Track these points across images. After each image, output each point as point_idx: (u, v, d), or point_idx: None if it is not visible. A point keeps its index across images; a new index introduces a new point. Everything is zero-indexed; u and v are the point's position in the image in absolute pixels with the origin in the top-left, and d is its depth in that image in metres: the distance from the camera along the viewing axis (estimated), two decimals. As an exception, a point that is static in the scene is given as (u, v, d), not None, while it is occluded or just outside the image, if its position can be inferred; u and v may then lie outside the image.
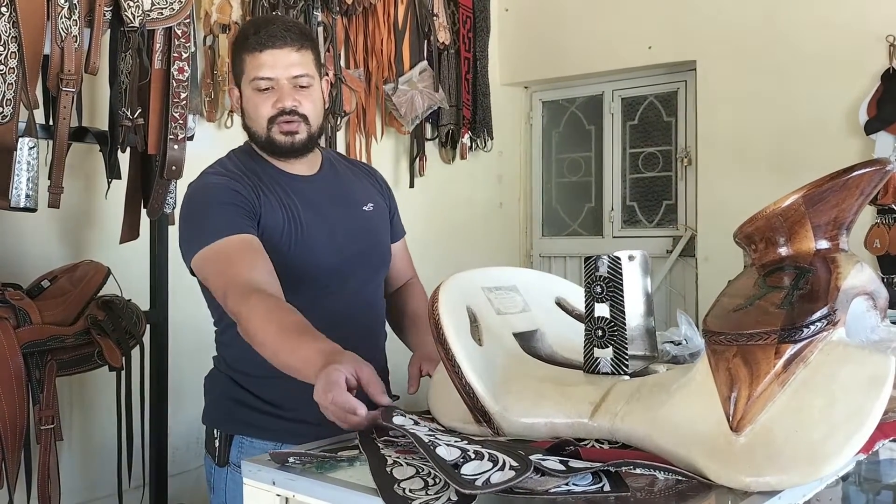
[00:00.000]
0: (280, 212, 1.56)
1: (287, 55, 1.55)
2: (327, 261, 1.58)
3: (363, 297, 1.66)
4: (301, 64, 1.56)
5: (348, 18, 3.45)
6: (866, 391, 0.83)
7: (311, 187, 1.65)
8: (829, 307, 0.88)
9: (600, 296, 1.12)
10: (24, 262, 2.43)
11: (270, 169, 1.63)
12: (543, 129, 4.67)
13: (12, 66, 1.89)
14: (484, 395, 1.08)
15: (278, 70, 1.54)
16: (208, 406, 1.68)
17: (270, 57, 1.54)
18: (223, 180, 1.56)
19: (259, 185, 1.58)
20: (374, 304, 1.71)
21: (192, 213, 1.55)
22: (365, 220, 1.68)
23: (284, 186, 1.62)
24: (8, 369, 1.93)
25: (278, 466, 1.00)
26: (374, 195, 1.75)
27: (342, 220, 1.64)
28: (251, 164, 1.64)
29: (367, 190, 1.75)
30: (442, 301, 1.15)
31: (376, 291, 1.71)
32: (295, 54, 1.55)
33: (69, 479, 2.38)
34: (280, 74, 1.55)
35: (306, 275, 1.56)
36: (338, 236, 1.62)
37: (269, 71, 1.54)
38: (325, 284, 1.58)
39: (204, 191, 1.57)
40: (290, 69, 1.55)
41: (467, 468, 0.88)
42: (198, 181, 1.60)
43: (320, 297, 1.57)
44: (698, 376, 0.94)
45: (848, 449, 0.81)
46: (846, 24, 3.45)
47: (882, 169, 0.93)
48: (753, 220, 0.96)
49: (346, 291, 1.61)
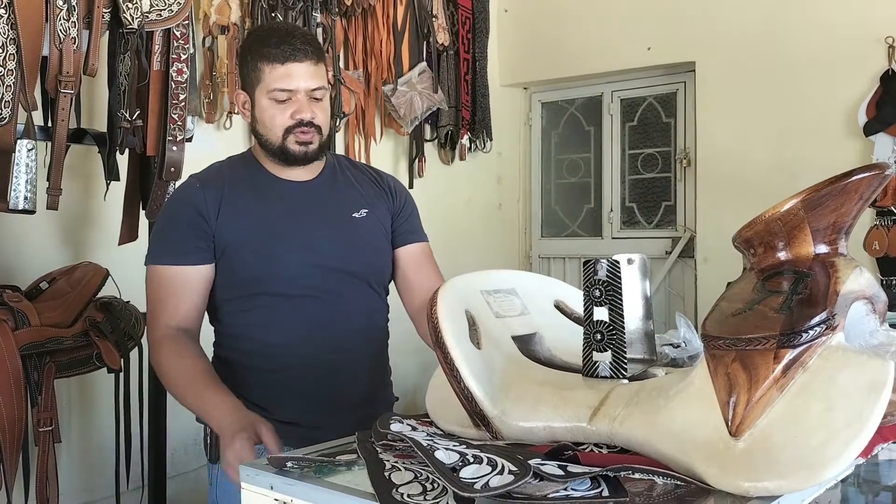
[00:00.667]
0: (246, 220, 1.62)
1: (307, 69, 1.60)
2: (298, 267, 1.62)
3: (345, 302, 1.67)
4: (317, 77, 1.63)
5: (347, 19, 3.45)
6: (865, 396, 0.82)
7: (301, 193, 1.68)
8: (827, 312, 0.88)
9: (599, 299, 1.11)
10: (23, 263, 2.43)
11: (264, 175, 1.68)
12: (543, 130, 4.67)
13: (11, 68, 1.89)
14: (482, 399, 1.08)
15: (299, 83, 1.60)
16: None
17: (292, 69, 1.59)
18: (192, 195, 1.64)
19: (231, 195, 1.63)
20: (362, 309, 1.70)
21: (157, 223, 1.72)
22: (351, 228, 1.69)
23: (270, 194, 1.66)
24: (6, 371, 1.93)
25: (276, 471, 0.99)
26: (374, 200, 1.75)
27: (324, 225, 1.67)
28: (241, 171, 1.69)
29: (366, 196, 1.75)
30: (440, 305, 1.15)
31: (367, 295, 1.71)
32: (313, 67, 1.62)
33: (67, 481, 2.38)
34: (300, 87, 1.60)
35: (275, 280, 1.61)
36: (315, 242, 1.64)
37: (289, 83, 1.59)
38: (300, 292, 1.62)
39: (171, 204, 1.72)
40: (308, 82, 1.61)
41: (466, 472, 0.88)
42: (175, 190, 1.71)
43: (296, 302, 1.62)
44: (697, 381, 0.93)
45: (847, 454, 0.81)
46: (845, 25, 3.45)
47: (881, 173, 0.93)
48: (752, 224, 0.95)
49: (324, 297, 1.64)
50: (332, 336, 1.64)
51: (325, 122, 1.65)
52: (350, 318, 1.67)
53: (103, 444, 2.47)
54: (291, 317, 1.62)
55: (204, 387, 1.51)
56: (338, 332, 1.64)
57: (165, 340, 1.57)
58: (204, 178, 1.69)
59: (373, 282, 1.72)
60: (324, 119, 1.64)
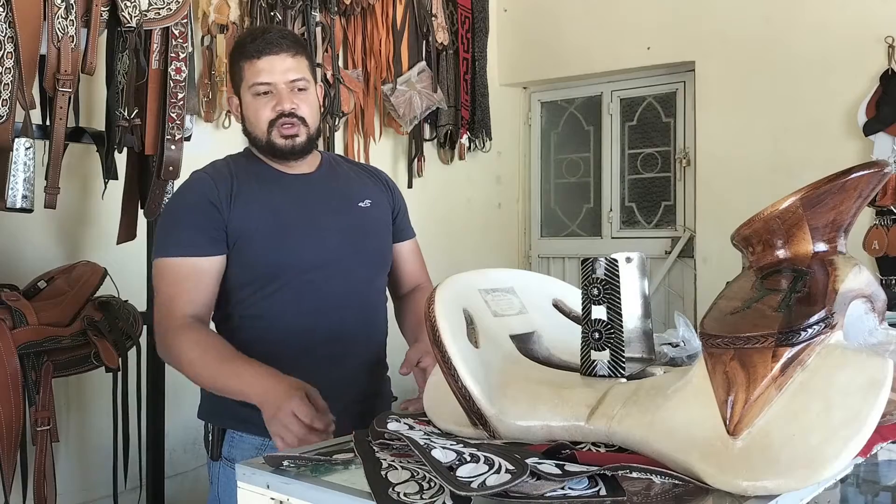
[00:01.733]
0: (257, 210, 1.64)
1: (283, 61, 1.62)
2: (308, 255, 1.64)
3: (352, 290, 1.69)
4: (297, 69, 1.63)
5: (347, 19, 3.45)
6: (864, 395, 0.82)
7: (307, 185, 1.71)
8: (826, 310, 0.87)
9: (597, 298, 1.11)
10: (21, 262, 2.43)
11: (268, 170, 1.70)
12: (542, 130, 4.67)
13: (9, 67, 1.88)
14: (480, 397, 1.07)
15: (276, 75, 1.61)
16: (203, 400, 1.72)
17: (268, 63, 1.61)
18: (204, 186, 1.64)
19: (241, 187, 1.65)
20: (368, 299, 1.73)
21: (167, 216, 1.69)
22: (359, 216, 1.73)
23: (278, 186, 1.68)
24: (4, 370, 1.92)
25: (273, 470, 0.99)
26: (375, 193, 1.79)
27: (333, 215, 1.69)
28: (246, 166, 1.70)
29: (367, 188, 1.79)
30: (438, 303, 1.14)
31: (370, 286, 1.74)
32: (291, 60, 1.62)
33: (65, 481, 2.38)
34: (278, 79, 1.62)
35: (286, 268, 1.63)
36: (324, 231, 1.67)
37: (267, 76, 1.62)
38: (309, 279, 1.64)
39: (182, 195, 1.68)
40: (286, 73, 1.62)
41: (463, 471, 0.88)
42: (184, 183, 1.69)
43: (303, 290, 1.63)
44: (695, 379, 0.93)
45: (846, 453, 0.80)
46: (845, 25, 3.45)
47: (880, 171, 0.92)
48: (751, 222, 0.95)
49: (331, 285, 1.66)
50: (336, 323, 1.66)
51: (309, 115, 1.65)
52: (357, 307, 1.69)
53: (101, 443, 2.47)
54: (296, 309, 1.63)
55: (241, 363, 1.49)
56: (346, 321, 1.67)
57: (184, 329, 1.55)
58: (212, 171, 1.69)
59: (377, 271, 1.76)
60: (308, 111, 1.65)
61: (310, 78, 1.66)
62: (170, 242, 1.62)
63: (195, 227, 1.60)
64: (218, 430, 1.66)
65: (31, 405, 2.02)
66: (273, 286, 1.63)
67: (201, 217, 1.60)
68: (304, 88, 1.64)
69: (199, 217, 1.60)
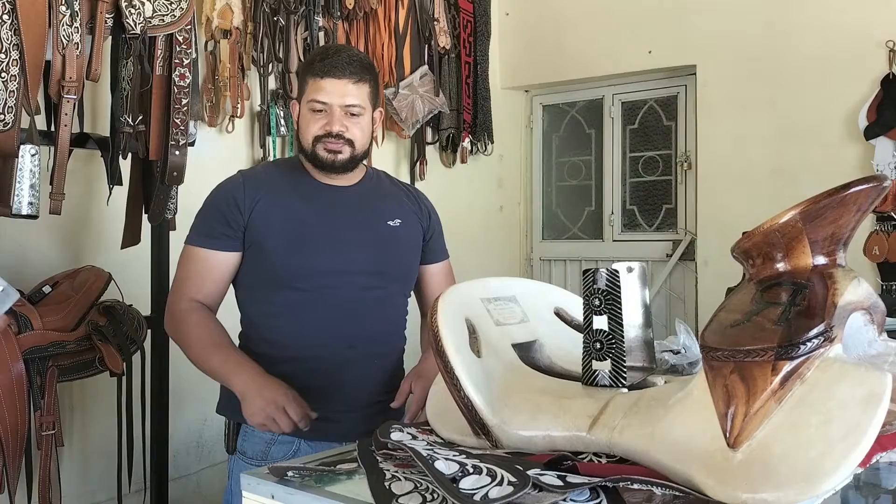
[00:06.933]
0: (279, 217, 1.72)
1: (344, 86, 1.70)
2: (324, 263, 1.71)
3: (368, 302, 1.75)
4: (356, 95, 1.71)
5: (349, 23, 3.45)
6: (863, 408, 0.83)
7: (340, 197, 1.79)
8: (825, 324, 0.88)
9: (598, 308, 1.12)
10: (26, 267, 2.44)
11: (306, 179, 1.79)
12: (544, 133, 4.67)
13: (14, 74, 1.89)
14: (482, 407, 1.08)
15: (334, 97, 1.70)
16: (222, 396, 1.79)
17: (329, 84, 1.69)
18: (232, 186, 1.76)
19: (268, 192, 1.74)
20: (383, 312, 1.79)
21: (200, 210, 1.79)
22: (385, 233, 1.79)
23: (309, 195, 1.76)
24: (9, 375, 1.93)
25: (277, 480, 1.00)
26: (408, 214, 1.86)
27: (357, 228, 1.76)
28: (285, 171, 1.82)
29: (401, 208, 1.86)
30: (441, 313, 1.16)
31: (387, 300, 1.80)
32: (352, 86, 1.70)
33: (70, 484, 2.39)
34: (335, 101, 1.70)
35: (300, 276, 1.71)
36: (344, 243, 1.74)
37: (325, 96, 1.70)
38: (323, 284, 1.71)
39: (216, 191, 1.79)
40: (344, 98, 1.70)
41: (466, 482, 0.89)
42: (224, 180, 1.80)
43: (318, 296, 1.71)
44: (696, 391, 0.94)
45: (845, 466, 0.81)
46: (846, 29, 3.45)
47: (879, 185, 0.93)
48: (751, 235, 0.96)
49: (346, 293, 1.72)
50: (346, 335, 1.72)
51: (358, 138, 1.73)
52: (367, 320, 1.75)
53: (105, 447, 2.48)
54: (309, 313, 1.70)
55: (230, 351, 1.67)
56: (352, 332, 1.72)
57: (188, 309, 1.71)
58: (249, 173, 1.84)
59: (396, 287, 1.82)
60: (358, 135, 1.73)
61: (367, 105, 1.73)
62: (193, 231, 1.76)
63: (215, 222, 1.72)
64: (233, 425, 1.74)
65: (36, 410, 2.04)
66: (288, 288, 1.70)
67: (222, 214, 1.72)
68: (358, 115, 1.72)
69: (220, 214, 1.72)
